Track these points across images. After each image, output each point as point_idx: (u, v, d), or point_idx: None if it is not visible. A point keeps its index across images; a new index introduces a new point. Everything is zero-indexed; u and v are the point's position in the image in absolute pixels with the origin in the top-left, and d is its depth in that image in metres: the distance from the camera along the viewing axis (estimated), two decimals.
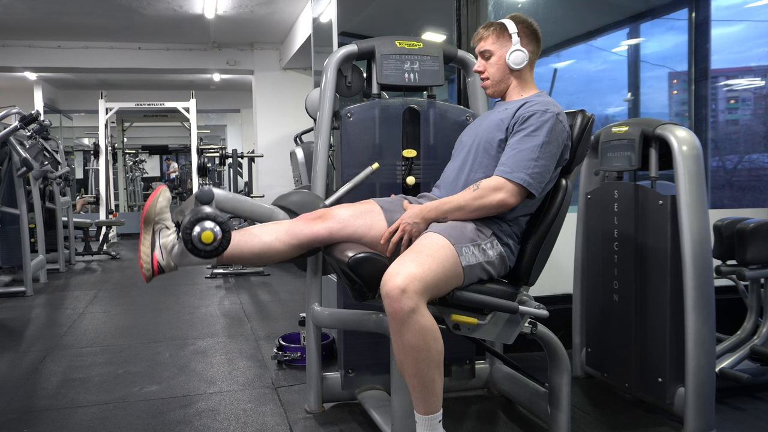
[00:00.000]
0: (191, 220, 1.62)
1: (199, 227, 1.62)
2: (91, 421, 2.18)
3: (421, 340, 1.53)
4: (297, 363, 2.75)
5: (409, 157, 2.17)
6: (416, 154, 2.18)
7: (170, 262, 1.73)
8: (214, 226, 1.63)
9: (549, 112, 1.73)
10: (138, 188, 13.02)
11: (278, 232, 1.83)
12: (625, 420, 2.18)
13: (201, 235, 1.62)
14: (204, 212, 1.64)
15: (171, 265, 1.73)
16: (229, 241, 1.66)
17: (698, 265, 1.97)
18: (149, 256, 1.70)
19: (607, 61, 5.68)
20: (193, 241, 1.62)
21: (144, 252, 1.71)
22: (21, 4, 6.06)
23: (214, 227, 1.63)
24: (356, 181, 2.10)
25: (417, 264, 1.55)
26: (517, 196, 1.70)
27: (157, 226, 1.73)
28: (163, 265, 1.72)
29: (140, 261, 1.72)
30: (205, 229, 1.62)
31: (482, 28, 1.92)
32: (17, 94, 9.64)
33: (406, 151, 2.17)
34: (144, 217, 1.73)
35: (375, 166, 2.09)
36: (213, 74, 9.08)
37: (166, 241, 1.72)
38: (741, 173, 5.17)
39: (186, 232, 1.62)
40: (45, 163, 5.23)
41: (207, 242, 1.62)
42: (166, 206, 1.74)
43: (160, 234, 1.72)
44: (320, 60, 4.90)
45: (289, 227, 1.84)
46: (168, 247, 1.71)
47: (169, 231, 1.73)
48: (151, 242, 1.71)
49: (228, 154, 7.29)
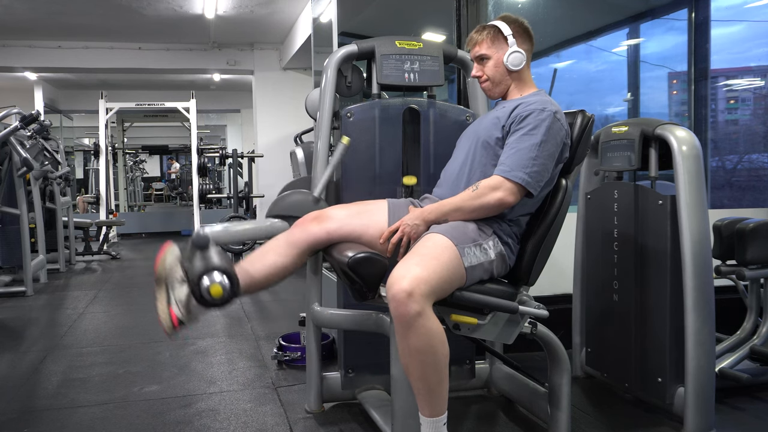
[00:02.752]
0: (196, 276, 1.61)
1: (206, 281, 1.61)
2: (91, 421, 2.18)
3: (427, 344, 1.54)
4: (297, 363, 2.75)
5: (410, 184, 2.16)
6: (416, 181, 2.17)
7: (189, 316, 1.70)
8: (222, 278, 1.62)
9: (546, 111, 1.73)
10: (138, 188, 13.03)
11: (278, 248, 1.84)
12: (625, 420, 2.18)
13: (210, 289, 1.61)
14: (207, 264, 1.63)
15: (192, 318, 1.71)
16: (237, 286, 1.65)
17: (698, 265, 1.98)
18: (167, 313, 1.69)
19: (607, 61, 5.69)
20: (203, 297, 1.62)
21: (161, 309, 1.69)
22: (21, 4, 6.06)
23: (221, 279, 1.62)
24: (334, 164, 2.07)
25: (422, 267, 1.55)
26: (515, 195, 1.70)
27: (169, 282, 1.70)
28: (182, 319, 1.69)
29: (160, 319, 1.70)
30: (213, 282, 1.61)
31: (475, 32, 1.91)
32: (17, 94, 9.64)
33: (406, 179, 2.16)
34: (156, 276, 1.71)
35: (345, 140, 2.05)
36: (213, 74, 9.08)
37: (180, 295, 1.69)
38: (741, 173, 5.17)
39: (195, 290, 1.62)
40: (45, 163, 5.23)
41: (217, 296, 1.62)
42: (174, 262, 1.71)
43: (174, 289, 1.69)
44: (320, 60, 4.90)
45: (286, 239, 1.85)
46: (183, 300, 1.68)
47: (181, 285, 1.70)
48: (166, 299, 1.69)
49: (228, 154, 7.30)
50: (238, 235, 1.98)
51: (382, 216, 1.85)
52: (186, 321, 1.70)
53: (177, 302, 1.68)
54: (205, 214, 8.79)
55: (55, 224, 5.65)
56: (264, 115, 8.11)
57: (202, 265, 1.63)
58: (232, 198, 6.44)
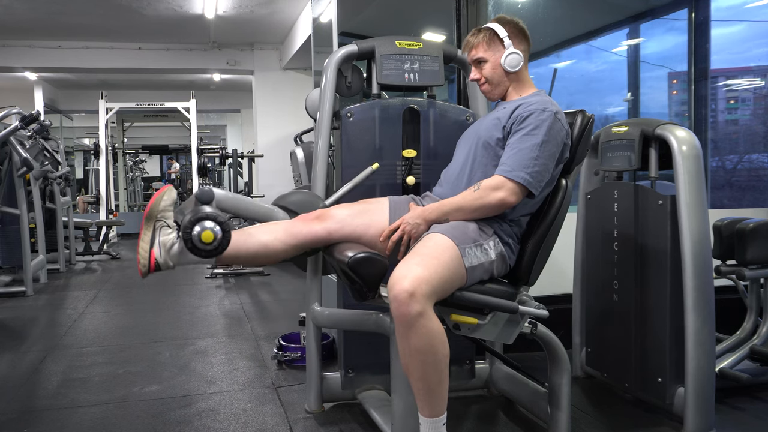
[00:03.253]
0: (191, 219, 1.62)
1: (199, 227, 1.62)
2: (91, 421, 2.18)
3: (428, 344, 1.54)
4: (297, 363, 2.75)
5: (409, 157, 2.17)
6: (416, 154, 2.18)
7: (168, 261, 1.72)
8: (215, 226, 1.63)
9: (547, 111, 1.73)
10: (138, 188, 13.03)
11: (276, 232, 1.83)
12: (625, 420, 2.18)
13: (201, 234, 1.62)
14: (204, 212, 1.64)
15: (168, 263, 1.73)
16: (228, 241, 1.66)
17: (698, 265, 1.98)
18: (147, 252, 1.70)
19: (607, 61, 5.68)
20: (193, 240, 1.62)
21: (142, 248, 1.71)
22: (21, 4, 6.06)
23: (214, 227, 1.63)
24: (356, 182, 2.10)
25: (424, 267, 1.55)
26: (516, 195, 1.70)
27: (159, 223, 1.72)
28: (160, 263, 1.71)
29: (138, 256, 1.71)
30: (205, 228, 1.62)
31: (471, 36, 1.90)
32: (17, 94, 9.64)
33: (406, 151, 2.17)
34: (146, 213, 1.72)
35: (375, 166, 2.09)
36: (213, 74, 9.09)
37: (165, 239, 1.71)
38: (741, 173, 5.17)
39: (186, 231, 1.62)
40: (45, 163, 5.24)
41: (207, 242, 1.62)
42: (170, 205, 1.74)
43: (161, 232, 1.71)
44: (320, 60, 4.90)
45: (287, 227, 1.84)
46: (167, 245, 1.71)
47: (169, 230, 1.73)
48: (150, 238, 1.71)
49: (228, 154, 7.29)
50: (241, 205, 1.98)
51: (383, 215, 1.85)
52: (163, 266, 1.72)
53: (160, 245, 1.69)
54: None
55: (55, 224, 5.65)
56: (264, 115, 8.11)
57: (198, 212, 1.64)
58: None
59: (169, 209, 1.74)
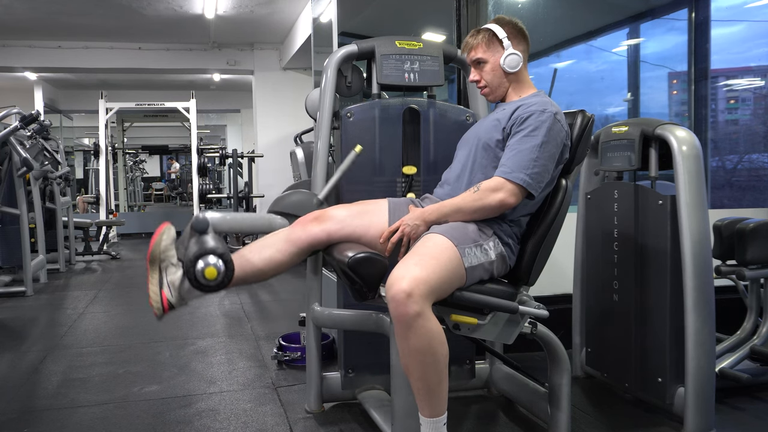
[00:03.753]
0: (191, 258, 1.60)
1: (201, 263, 1.60)
2: (91, 421, 2.18)
3: (426, 344, 1.53)
4: (297, 363, 2.75)
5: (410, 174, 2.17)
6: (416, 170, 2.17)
7: (180, 299, 1.70)
8: (216, 260, 1.61)
9: (547, 112, 1.73)
10: (138, 188, 13.04)
11: (277, 244, 1.83)
12: (625, 420, 2.18)
13: (204, 271, 1.60)
14: (204, 247, 1.61)
15: (181, 301, 1.71)
16: (232, 271, 1.64)
17: (698, 265, 1.97)
18: (158, 295, 1.68)
19: (607, 61, 5.68)
20: (197, 279, 1.61)
21: (153, 291, 1.69)
22: (21, 4, 6.06)
23: (216, 262, 1.61)
24: (343, 169, 2.07)
25: (422, 267, 1.55)
26: (516, 196, 1.70)
27: (163, 264, 1.70)
28: (173, 303, 1.69)
29: (150, 300, 1.69)
30: (208, 264, 1.60)
31: (470, 37, 1.90)
32: (17, 94, 9.64)
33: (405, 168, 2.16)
34: (149, 256, 1.70)
35: (358, 148, 2.06)
36: (213, 74, 9.08)
37: (173, 278, 1.69)
38: (741, 173, 5.17)
39: (189, 271, 1.61)
40: (45, 163, 5.23)
41: (211, 278, 1.61)
42: (170, 244, 1.71)
43: (167, 272, 1.69)
44: (320, 60, 4.90)
45: (287, 235, 1.84)
46: (176, 284, 1.68)
47: (174, 268, 1.71)
48: (158, 281, 1.69)
49: (228, 154, 7.30)
50: (237, 225, 1.97)
51: (383, 216, 1.85)
52: (176, 305, 1.70)
53: (169, 285, 1.68)
54: None
55: (55, 224, 5.65)
56: (264, 115, 8.11)
57: (198, 247, 1.62)
58: (232, 198, 6.44)
59: (170, 248, 1.71)
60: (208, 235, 1.65)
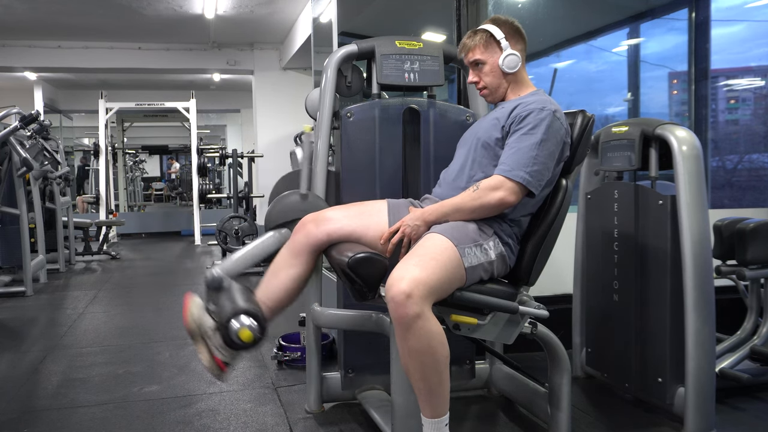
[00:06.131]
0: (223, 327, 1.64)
1: (235, 326, 1.63)
2: (91, 421, 2.18)
3: (427, 345, 1.53)
4: (297, 363, 2.75)
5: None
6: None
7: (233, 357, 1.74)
8: (249, 321, 1.64)
9: (546, 110, 1.73)
10: (138, 188, 13.03)
11: (285, 261, 1.86)
12: (625, 420, 2.18)
13: (239, 335, 1.63)
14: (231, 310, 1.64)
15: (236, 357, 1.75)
16: (265, 321, 1.68)
17: (698, 265, 1.97)
18: (212, 362, 1.72)
19: (607, 61, 5.69)
20: (236, 346, 1.65)
21: (206, 361, 1.72)
22: (21, 4, 6.06)
23: (250, 323, 1.64)
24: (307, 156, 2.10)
25: (421, 268, 1.55)
26: (516, 195, 1.70)
27: (204, 335, 1.73)
28: (227, 362, 1.73)
29: (208, 371, 1.74)
30: (242, 326, 1.63)
31: (467, 38, 1.90)
32: (17, 94, 9.64)
33: None
34: (188, 331, 1.75)
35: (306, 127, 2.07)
36: (213, 74, 9.08)
37: (218, 342, 1.71)
38: (741, 173, 5.17)
39: (227, 340, 1.65)
40: (45, 163, 5.23)
41: (248, 341, 1.64)
42: (201, 313, 1.74)
43: (210, 340, 1.72)
44: (320, 60, 4.90)
45: (290, 250, 1.87)
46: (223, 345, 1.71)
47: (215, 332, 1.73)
48: (207, 350, 1.72)
49: (228, 154, 7.29)
50: (248, 260, 1.98)
51: (382, 217, 1.85)
52: (231, 361, 1.74)
53: (218, 348, 1.71)
54: (205, 214, 8.79)
55: (55, 224, 5.65)
56: (264, 115, 8.11)
57: (227, 310, 1.65)
58: (232, 198, 6.44)
59: (203, 316, 1.73)
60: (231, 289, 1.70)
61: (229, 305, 1.67)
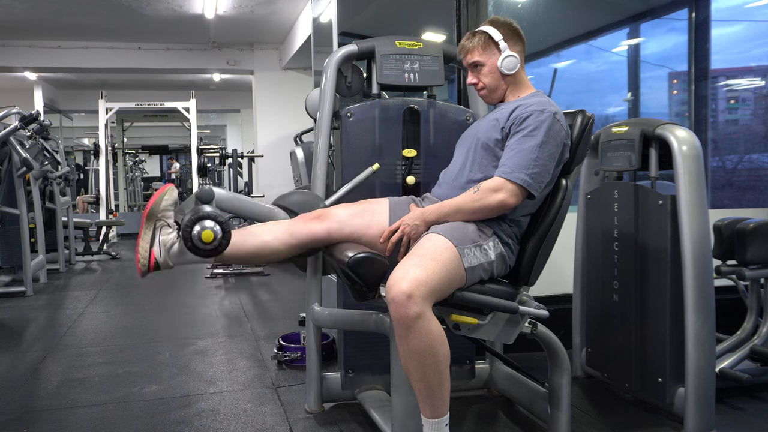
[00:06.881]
0: (192, 218, 1.63)
1: (199, 226, 1.63)
2: (91, 421, 2.18)
3: (427, 345, 1.53)
4: (297, 363, 2.75)
5: (410, 156, 2.17)
6: (416, 153, 2.18)
7: (167, 260, 1.73)
8: (215, 225, 1.64)
9: (546, 112, 1.73)
10: (138, 188, 13.02)
11: (277, 232, 1.84)
12: (625, 420, 2.18)
13: (201, 234, 1.63)
14: (205, 211, 1.65)
15: (168, 263, 1.74)
16: (228, 240, 1.67)
17: (698, 265, 1.97)
18: (147, 251, 1.71)
19: (607, 61, 5.69)
20: (193, 239, 1.63)
21: (142, 247, 1.72)
22: (21, 4, 6.06)
23: (214, 226, 1.64)
24: (356, 182, 2.10)
25: (421, 268, 1.55)
26: (517, 197, 1.70)
27: (159, 222, 1.73)
28: (160, 262, 1.72)
29: (137, 255, 1.72)
30: (205, 228, 1.63)
31: (465, 40, 1.90)
32: (17, 94, 9.65)
33: (406, 151, 2.17)
34: (147, 212, 1.73)
35: (375, 166, 2.09)
36: (213, 74, 9.09)
37: (166, 238, 1.72)
38: (741, 173, 5.17)
39: (186, 230, 1.63)
40: (45, 163, 5.23)
41: (207, 241, 1.63)
42: (171, 205, 1.75)
43: (161, 231, 1.73)
44: (320, 60, 4.89)
45: (287, 227, 1.85)
46: (167, 244, 1.72)
47: (170, 229, 1.74)
48: (151, 238, 1.72)
49: (228, 154, 7.29)
50: (240, 206, 1.99)
51: (383, 216, 1.85)
52: (162, 266, 1.73)
53: (160, 244, 1.71)
54: None
55: (55, 224, 5.65)
56: (264, 115, 8.11)
57: (199, 212, 1.65)
58: None
59: (169, 209, 1.75)
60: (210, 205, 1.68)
61: (202, 209, 1.66)
